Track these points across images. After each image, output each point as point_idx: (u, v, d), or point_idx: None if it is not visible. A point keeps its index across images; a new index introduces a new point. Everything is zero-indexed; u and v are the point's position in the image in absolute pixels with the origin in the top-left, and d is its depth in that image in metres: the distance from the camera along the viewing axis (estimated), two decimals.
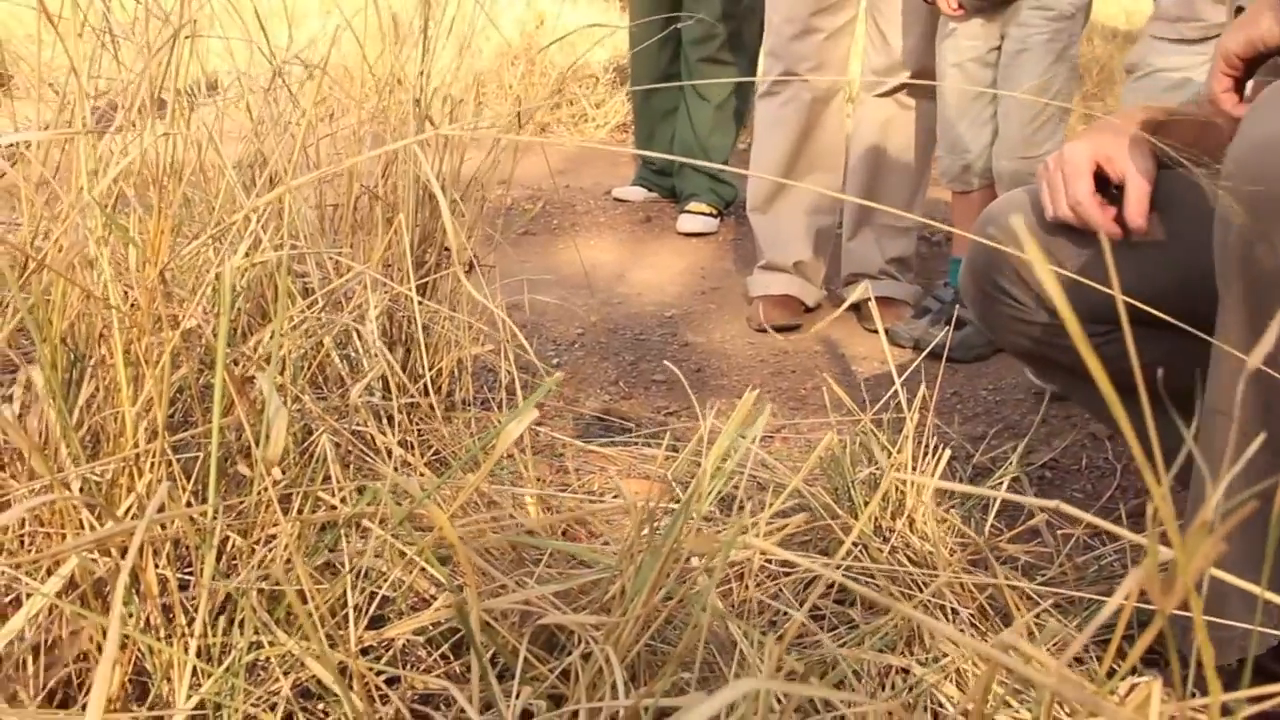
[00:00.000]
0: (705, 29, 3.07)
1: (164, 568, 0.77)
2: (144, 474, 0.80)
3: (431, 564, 0.85)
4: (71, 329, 0.84)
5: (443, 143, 1.40)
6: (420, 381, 1.29)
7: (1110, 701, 0.37)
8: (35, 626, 0.73)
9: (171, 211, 0.84)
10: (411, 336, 1.35)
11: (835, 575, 0.41)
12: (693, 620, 0.77)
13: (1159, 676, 0.59)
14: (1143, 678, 0.95)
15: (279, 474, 0.90)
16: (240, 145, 1.24)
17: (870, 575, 1.06)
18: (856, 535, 1.01)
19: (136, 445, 0.79)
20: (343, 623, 0.82)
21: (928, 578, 1.06)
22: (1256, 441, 0.48)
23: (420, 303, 1.35)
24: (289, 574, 0.80)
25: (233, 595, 0.78)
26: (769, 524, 1.04)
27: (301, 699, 0.79)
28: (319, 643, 0.69)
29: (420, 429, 1.27)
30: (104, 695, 0.44)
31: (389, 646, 0.87)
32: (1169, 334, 0.81)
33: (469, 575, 0.68)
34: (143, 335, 0.80)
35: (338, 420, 1.06)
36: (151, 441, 0.79)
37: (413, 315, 1.32)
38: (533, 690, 0.76)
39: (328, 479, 0.92)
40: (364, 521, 0.87)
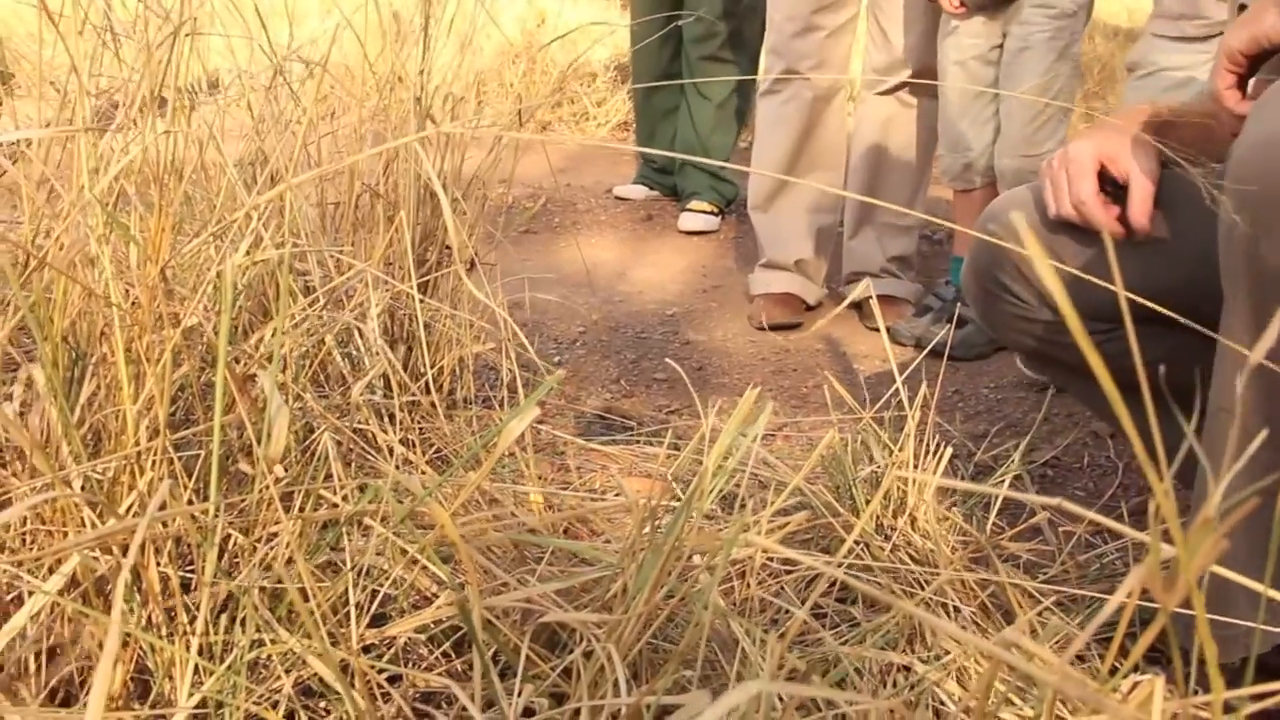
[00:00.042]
0: (706, 27, 3.07)
1: (165, 566, 0.77)
2: (145, 472, 0.80)
3: (433, 562, 0.85)
4: (73, 327, 0.84)
5: (444, 141, 1.40)
6: (422, 380, 1.29)
7: (1113, 699, 0.37)
8: (37, 624, 0.73)
9: (173, 209, 0.84)
10: (413, 334, 1.35)
11: (837, 573, 0.41)
12: (694, 618, 0.77)
13: (1162, 674, 0.59)
14: (1145, 676, 0.95)
15: (280, 472, 0.90)
16: (241, 143, 1.24)
17: (872, 573, 1.06)
18: (858, 533, 1.01)
19: (138, 443, 0.79)
20: (344, 621, 0.82)
21: (929, 576, 1.06)
22: (1259, 438, 0.48)
23: (421, 301, 1.35)
24: (290, 572, 0.80)
25: (234, 593, 0.78)
26: (770, 522, 1.03)
27: (303, 697, 0.79)
28: (321, 641, 0.69)
29: (422, 427, 1.27)
30: (105, 693, 0.44)
31: (390, 644, 0.87)
32: (1172, 332, 0.81)
33: (470, 573, 0.68)
34: (144, 333, 0.80)
35: (339, 418, 1.06)
36: (153, 439, 0.79)
37: (414, 313, 1.32)
38: (534, 688, 0.76)
39: (329, 477, 0.92)
40: (365, 519, 0.87)
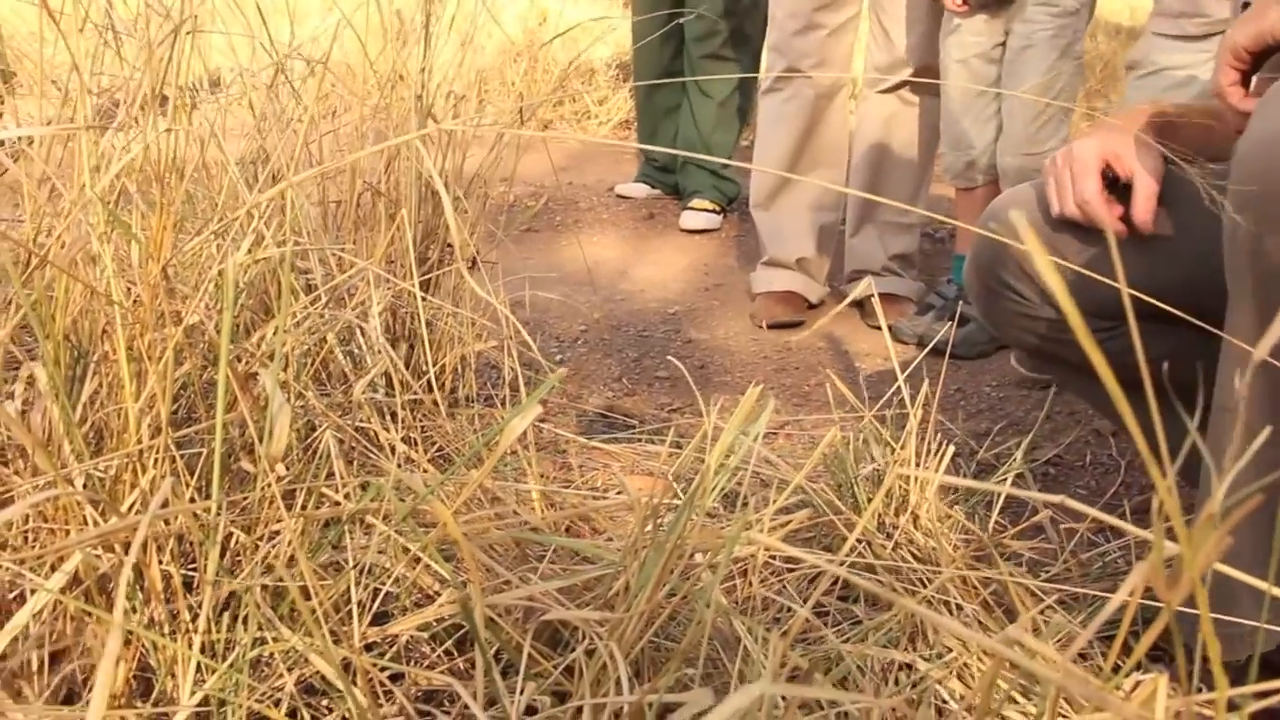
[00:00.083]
0: (708, 25, 3.07)
1: (168, 564, 0.77)
2: (147, 470, 0.80)
3: (435, 560, 0.85)
4: (74, 325, 0.84)
5: (445, 139, 1.40)
6: (423, 378, 1.29)
7: (1116, 697, 0.36)
8: (39, 623, 0.73)
9: (174, 208, 0.84)
10: (415, 333, 1.35)
11: (839, 571, 0.41)
12: (697, 616, 0.77)
13: (1165, 672, 0.59)
14: (1148, 674, 0.95)
15: (282, 470, 0.90)
16: (242, 141, 1.24)
17: (874, 571, 1.06)
18: (860, 531, 1.01)
19: (140, 441, 0.79)
20: (346, 619, 0.82)
21: (931, 574, 1.06)
22: (1263, 435, 0.48)
23: (423, 299, 1.35)
24: (293, 570, 0.80)
25: (236, 591, 0.78)
26: (772, 520, 1.03)
27: (305, 695, 0.79)
28: (323, 639, 0.69)
29: (423, 425, 1.27)
30: (108, 691, 0.44)
31: (393, 643, 0.87)
32: (1174, 329, 0.81)
33: (473, 571, 0.68)
34: (145, 331, 0.80)
35: (341, 416, 1.06)
36: (155, 438, 0.79)
37: (416, 312, 1.32)
38: (537, 686, 0.76)
39: (331, 475, 0.92)
40: (367, 518, 0.87)
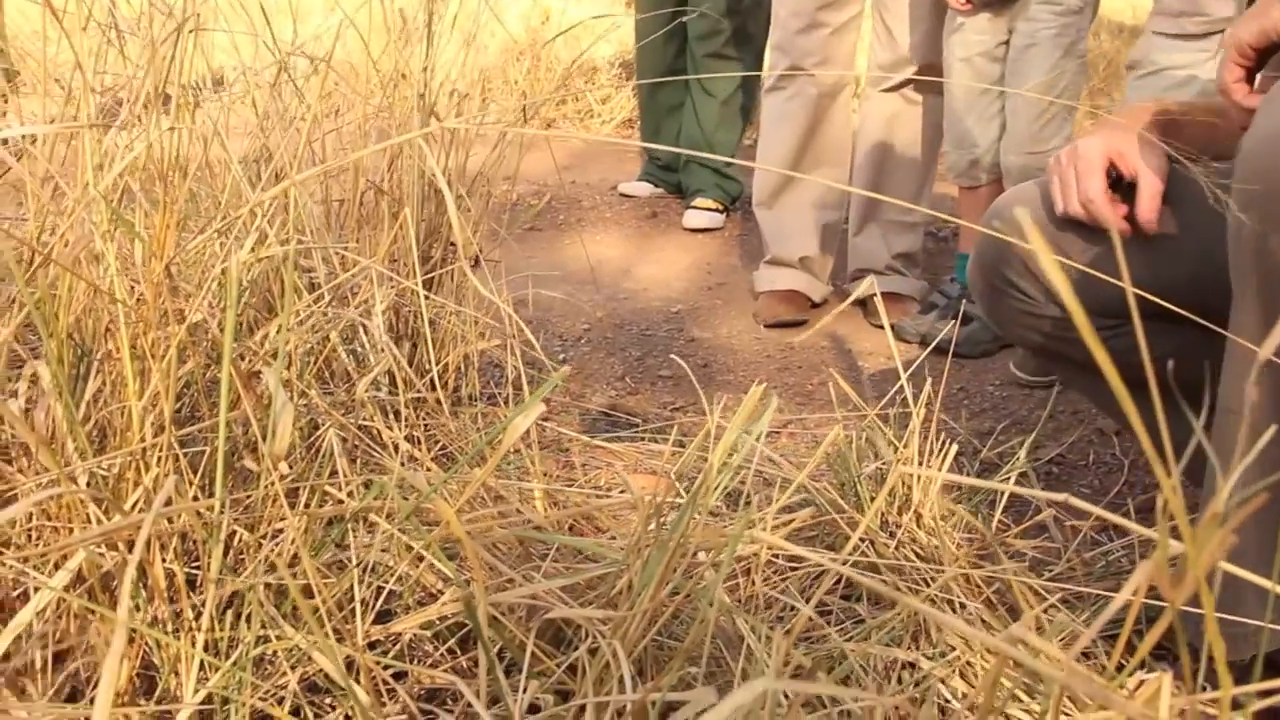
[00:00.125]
0: (711, 24, 3.07)
1: (171, 562, 0.77)
2: (151, 468, 0.80)
3: (438, 558, 0.85)
4: (78, 324, 0.84)
5: (448, 138, 1.40)
6: (426, 376, 1.29)
7: (1120, 695, 0.36)
8: (43, 620, 0.73)
9: (177, 206, 0.84)
10: (418, 331, 1.35)
11: (842, 569, 0.41)
12: (700, 615, 0.77)
13: (1169, 671, 0.59)
14: (1152, 673, 0.95)
15: (286, 469, 0.90)
16: (245, 140, 1.24)
17: (877, 570, 1.06)
18: (863, 530, 1.01)
19: (143, 439, 0.79)
20: (349, 617, 0.82)
21: (935, 572, 1.06)
22: (1268, 434, 0.48)
23: (426, 298, 1.35)
24: (296, 568, 0.80)
25: (240, 589, 0.78)
26: (776, 519, 1.03)
27: (309, 693, 0.79)
28: (326, 637, 0.69)
29: (427, 424, 1.27)
30: (112, 689, 0.44)
31: (396, 641, 0.87)
32: (1179, 328, 0.80)
33: (476, 570, 0.68)
34: (149, 330, 0.80)
35: (344, 415, 1.06)
36: (158, 436, 0.79)
37: (419, 310, 1.32)
38: (540, 685, 0.76)
39: (334, 474, 0.92)
40: (371, 516, 0.87)
